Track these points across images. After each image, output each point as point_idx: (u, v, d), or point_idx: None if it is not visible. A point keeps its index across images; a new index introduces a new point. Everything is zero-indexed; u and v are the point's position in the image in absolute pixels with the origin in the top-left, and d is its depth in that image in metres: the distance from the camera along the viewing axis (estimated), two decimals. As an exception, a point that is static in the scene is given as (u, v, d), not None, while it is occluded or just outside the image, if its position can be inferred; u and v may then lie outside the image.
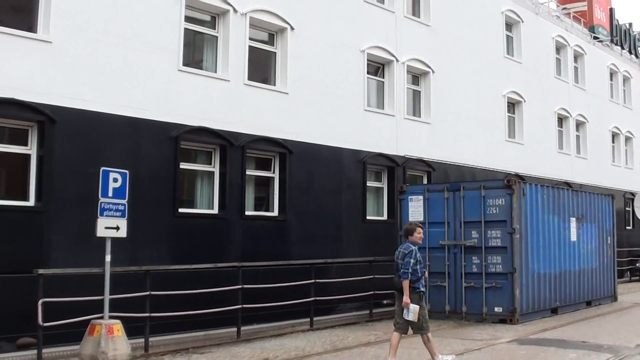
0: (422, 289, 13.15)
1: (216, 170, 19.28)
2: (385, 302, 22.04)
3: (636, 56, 47.77)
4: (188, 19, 18.80)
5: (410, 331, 13.17)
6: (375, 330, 18.25)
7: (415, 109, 26.52)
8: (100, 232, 13.78)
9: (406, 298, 12.70)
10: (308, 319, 18.76)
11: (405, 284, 12.78)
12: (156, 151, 17.59)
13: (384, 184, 24.75)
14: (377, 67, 24.93)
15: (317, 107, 21.95)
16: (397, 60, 25.09)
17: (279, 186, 20.89)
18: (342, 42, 23.03)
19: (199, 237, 18.36)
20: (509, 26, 32.52)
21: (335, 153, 22.35)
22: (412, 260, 12.83)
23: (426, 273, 13.57)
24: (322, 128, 22.01)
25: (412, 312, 12.71)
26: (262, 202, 20.98)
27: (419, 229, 13.50)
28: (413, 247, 13.07)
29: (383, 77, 25.09)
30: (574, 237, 22.59)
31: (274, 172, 20.97)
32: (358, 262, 21.18)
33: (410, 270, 12.77)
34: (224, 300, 16.91)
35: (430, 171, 26.26)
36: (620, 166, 43.15)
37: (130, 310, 14.81)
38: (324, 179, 22.01)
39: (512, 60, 32.21)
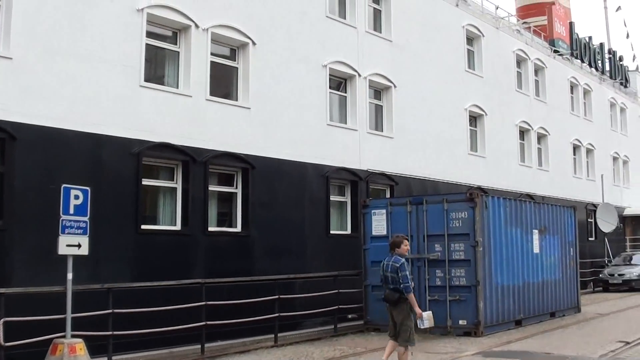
0: None
1: (179, 186, 19.17)
2: (350, 316, 22.09)
3: (596, 69, 48.39)
4: (149, 34, 18.70)
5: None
6: (340, 345, 18.21)
7: (378, 123, 26.59)
8: (62, 249, 13.66)
9: (417, 309, 13.12)
10: (272, 335, 18.64)
11: (411, 296, 13.18)
12: (118, 167, 17.44)
13: (347, 198, 24.76)
14: (339, 82, 24.99)
15: (280, 122, 21.93)
16: (359, 75, 25.16)
17: (241, 201, 20.80)
18: (304, 57, 23.06)
19: (162, 254, 18.23)
20: (470, 40, 32.78)
21: (298, 168, 22.34)
22: (407, 273, 13.21)
23: (413, 285, 13.70)
24: (285, 143, 21.99)
25: (427, 319, 13.16)
26: (225, 218, 20.88)
27: (405, 241, 13.91)
28: (402, 259, 13.42)
29: (345, 92, 25.14)
30: (536, 249, 22.73)
31: (236, 188, 20.89)
32: (322, 276, 21.14)
33: (410, 284, 13.19)
34: (188, 317, 16.80)
35: (393, 185, 26.32)
36: (582, 178, 43.60)
37: (93, 328, 14.67)
38: (287, 193, 21.96)
39: (474, 74, 32.45)
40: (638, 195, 52.62)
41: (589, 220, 42.59)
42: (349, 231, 24.42)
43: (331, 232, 23.58)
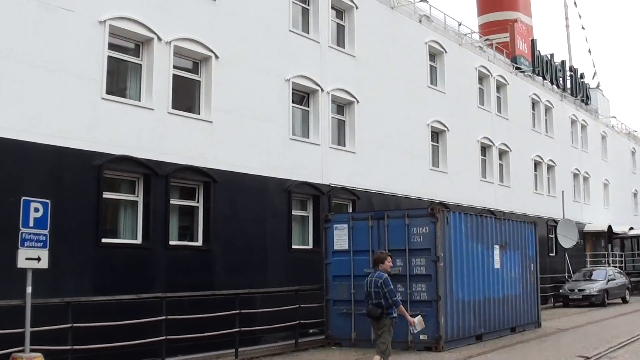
0: (395, 315, 13.89)
1: (140, 199, 19.05)
2: (311, 331, 22.05)
3: (557, 86, 48.94)
4: (112, 46, 18.59)
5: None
6: (302, 360, 18.20)
7: (341, 138, 26.65)
8: (21, 263, 13.52)
9: (409, 318, 13.98)
10: (233, 350, 18.56)
11: (401, 308, 13.97)
12: (79, 180, 17.30)
13: (309, 213, 24.76)
14: (302, 96, 25.02)
15: (242, 136, 21.90)
16: (322, 90, 25.22)
17: (203, 215, 20.73)
18: (268, 71, 23.07)
19: (122, 268, 18.10)
20: (432, 57, 32.99)
21: (260, 182, 22.31)
22: (392, 287, 13.83)
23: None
24: (247, 157, 21.97)
25: (418, 324, 14.05)
26: (187, 232, 20.79)
27: (389, 258, 14.60)
28: (385, 275, 13.95)
29: (308, 106, 25.18)
30: (497, 265, 22.87)
31: (198, 201, 20.81)
32: (283, 291, 21.11)
33: (398, 297, 13.98)
34: (149, 332, 16.72)
35: (355, 200, 26.37)
36: (543, 194, 44.00)
37: (53, 343, 14.56)
38: (249, 207, 21.92)
39: (436, 90, 32.65)
40: (598, 212, 53.27)
41: (550, 235, 42.94)
42: (310, 246, 24.42)
43: (293, 246, 23.56)
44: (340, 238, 20.86)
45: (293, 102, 24.23)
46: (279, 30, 23.81)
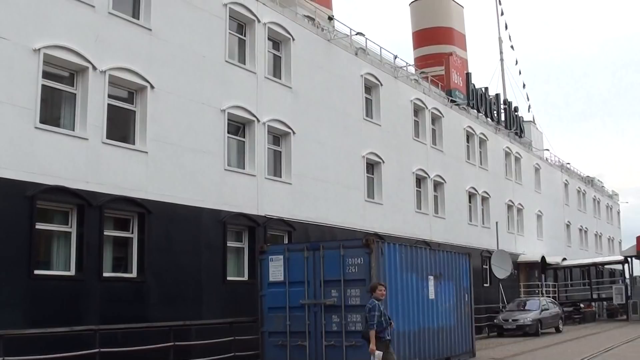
0: (389, 337, 15.50)
1: (73, 230, 18.82)
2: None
3: (492, 119, 49.76)
4: (46, 75, 18.41)
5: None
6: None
7: (277, 169, 26.68)
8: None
9: (372, 346, 14.82)
10: (168, 382, 18.39)
11: (372, 333, 14.96)
12: (11, 211, 17.04)
13: (244, 244, 24.68)
14: (238, 127, 25.02)
15: (177, 166, 21.82)
16: (258, 121, 25.26)
17: (137, 247, 20.56)
18: (203, 101, 23.06)
19: (55, 300, 17.84)
20: (368, 89, 33.29)
21: (195, 213, 22.21)
22: (376, 314, 15.09)
23: (392, 324, 16.05)
24: (182, 187, 21.87)
25: (377, 358, 14.76)
26: (121, 263, 20.58)
27: (381, 287, 15.93)
28: (376, 302, 15.34)
29: (244, 137, 25.18)
30: (432, 295, 22.99)
31: (132, 233, 20.63)
32: (218, 323, 20.97)
33: (375, 322, 15.01)
34: (81, 365, 16.46)
35: (291, 231, 26.37)
36: (477, 225, 44.52)
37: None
38: (183, 239, 21.80)
39: (372, 123, 32.93)
40: (532, 242, 54.06)
41: (484, 266, 43.39)
42: (246, 277, 24.33)
43: (228, 278, 23.46)
44: (276, 269, 20.80)
45: (229, 132, 24.23)
46: (215, 61, 23.83)
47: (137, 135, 20.96)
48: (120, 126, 20.81)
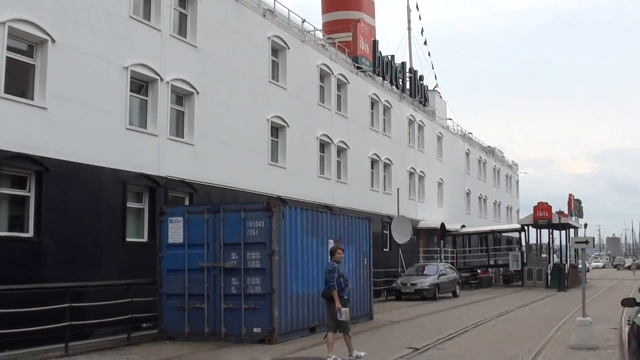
0: (346, 297, 16.79)
1: (-34, 188, 18.24)
2: (144, 325, 21.66)
3: (397, 87, 50.05)
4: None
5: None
6: (133, 354, 17.81)
7: (179, 129, 26.29)
8: None
9: (338, 304, 16.02)
10: (63, 345, 17.97)
11: (335, 293, 16.16)
12: None
13: (145, 205, 24.32)
14: (140, 85, 24.53)
15: (78, 124, 21.26)
16: (162, 80, 24.80)
17: (35, 206, 20.01)
18: (106, 58, 22.47)
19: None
20: (275, 52, 33.08)
21: (95, 172, 21.74)
22: (335, 275, 16.30)
23: (348, 284, 17.32)
24: (82, 146, 21.35)
25: (344, 314, 16.08)
26: (17, 222, 20.03)
27: (340, 251, 17.13)
28: (336, 265, 16.50)
29: (147, 96, 24.71)
30: (331, 259, 23.11)
31: (29, 191, 20.08)
32: (115, 285, 20.61)
33: (335, 283, 16.21)
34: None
35: (192, 193, 26.11)
36: (379, 191, 44.95)
37: None
38: (82, 199, 21.32)
39: (277, 86, 32.76)
40: (432, 209, 54.89)
41: (385, 231, 43.91)
42: (146, 239, 23.98)
43: (128, 239, 23.11)
44: (175, 231, 20.59)
45: (131, 91, 23.72)
46: (120, 16, 23.22)
47: (36, 91, 20.28)
48: (19, 80, 20.13)
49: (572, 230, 60.21)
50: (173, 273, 20.55)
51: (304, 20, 36.76)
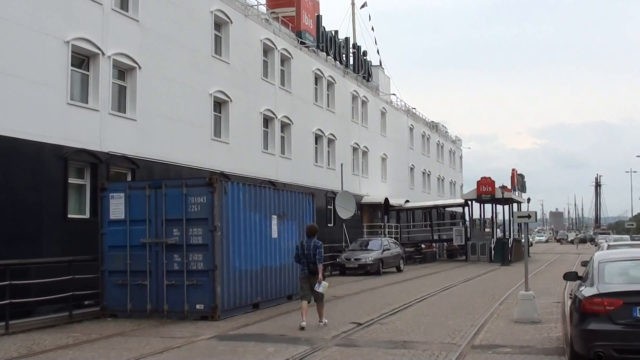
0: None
1: None
2: (86, 303, 21.46)
3: (340, 62, 50.08)
4: None
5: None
6: (74, 332, 17.61)
7: (121, 104, 25.97)
8: None
9: (321, 276, 17.99)
10: (4, 323, 17.73)
11: (321, 267, 18.10)
12: None
13: (87, 181, 24.02)
14: (82, 60, 24.15)
15: (17, 99, 20.86)
16: (103, 54, 24.47)
17: (-28, 182, 19.69)
18: (46, 32, 22.04)
19: None
20: (218, 26, 32.86)
21: (35, 148, 21.39)
22: (322, 251, 18.36)
23: None
24: (22, 121, 20.95)
25: (323, 287, 17.92)
26: (-46, 199, 19.70)
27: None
28: (320, 242, 18.41)
29: (88, 71, 24.36)
30: (275, 234, 23.17)
31: (-33, 168, 19.73)
32: (57, 262, 20.38)
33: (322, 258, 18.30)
34: None
35: (135, 168, 25.86)
36: (323, 167, 45.03)
37: None
38: (22, 174, 21.00)
39: (220, 60, 32.57)
40: (376, 185, 55.14)
41: (329, 207, 44.04)
42: (88, 215, 23.71)
43: (69, 215, 22.82)
44: (117, 207, 20.42)
45: (72, 65, 23.35)
46: (60, -10, 22.82)
47: (-26, 65, 19.90)
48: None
49: (515, 205, 61.06)
50: (115, 250, 20.41)
51: (246, -6, 36.53)
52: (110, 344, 15.63)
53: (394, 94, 66.74)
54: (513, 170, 71.55)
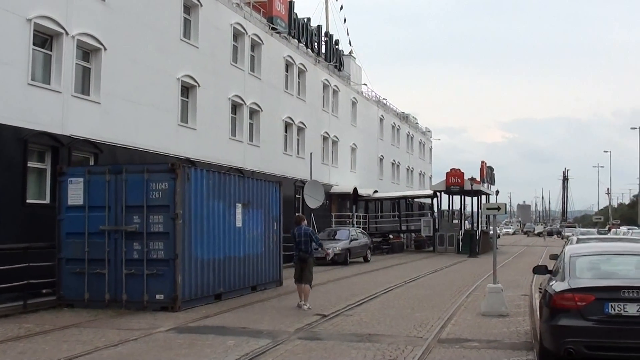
0: (314, 256, 21.19)
1: None
2: (44, 291, 20.75)
3: (312, 50, 49.62)
4: None
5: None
6: (28, 323, 16.96)
7: (85, 86, 25.25)
8: None
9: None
10: (-45, 312, 17.13)
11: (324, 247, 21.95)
12: None
13: (47, 165, 23.30)
14: (44, 39, 23.39)
15: (-27, 78, 20.19)
16: (67, 34, 23.72)
17: None
18: (6, 8, 21.28)
19: None
20: (187, 9, 32.19)
21: (-7, 130, 20.72)
22: (317, 236, 21.35)
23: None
24: (-22, 101, 20.28)
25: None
26: None
27: (304, 217, 21.63)
28: (310, 228, 21.08)
29: (51, 50, 23.62)
30: (239, 223, 22.68)
31: None
32: (12, 249, 19.63)
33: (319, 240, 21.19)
34: None
35: (98, 153, 25.17)
36: (292, 155, 44.58)
37: None
38: (-21, 157, 20.30)
39: (189, 44, 31.93)
40: (345, 174, 54.83)
41: (297, 196, 43.58)
42: (48, 201, 23.00)
43: (28, 200, 22.11)
44: (75, 193, 19.80)
45: (34, 44, 22.60)
46: (21, -34, 22.07)
47: None
48: None
49: (483, 197, 61.09)
50: (72, 237, 19.80)
51: (218, -22, 35.85)
52: (64, 336, 15.08)
53: (365, 84, 66.52)
54: (482, 162, 71.72)
